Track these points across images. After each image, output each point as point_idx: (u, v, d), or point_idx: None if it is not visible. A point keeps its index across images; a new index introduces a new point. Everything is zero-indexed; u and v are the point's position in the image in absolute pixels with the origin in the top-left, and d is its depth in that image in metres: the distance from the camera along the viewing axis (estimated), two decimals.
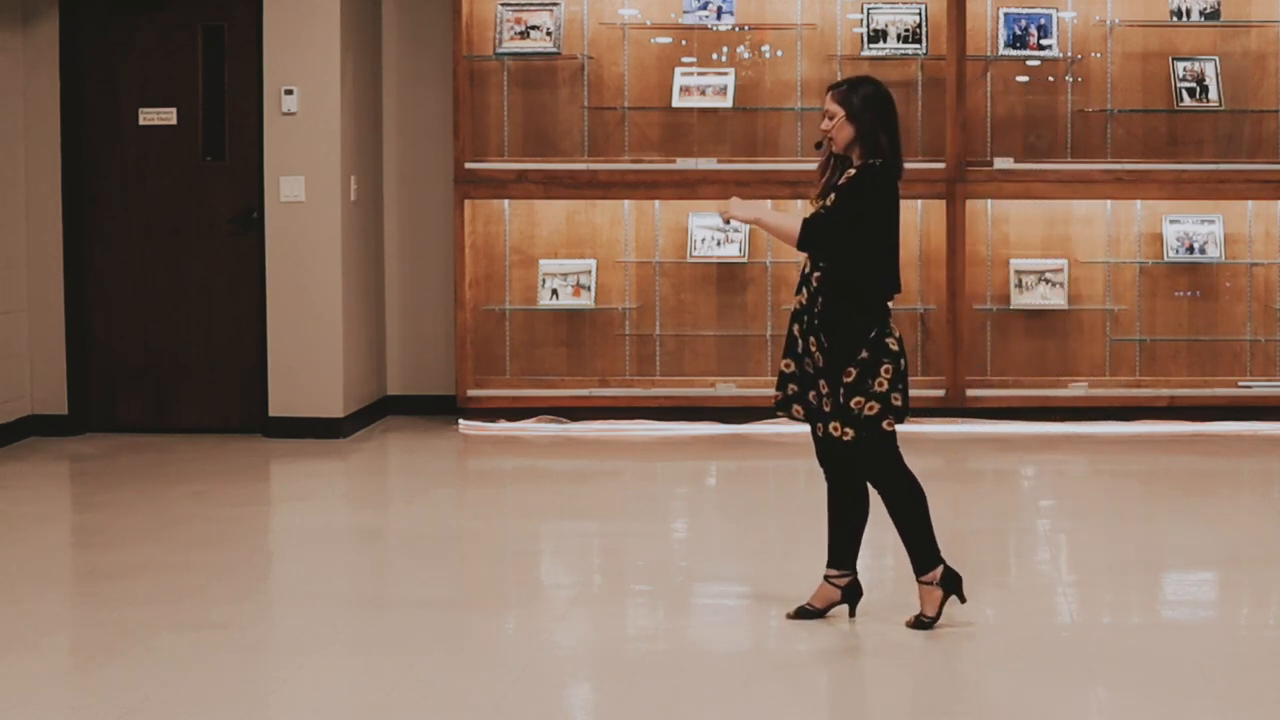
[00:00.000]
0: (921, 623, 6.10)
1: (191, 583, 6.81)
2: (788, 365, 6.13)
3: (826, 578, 6.25)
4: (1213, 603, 6.82)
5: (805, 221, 6.01)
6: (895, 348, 6.00)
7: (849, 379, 5.97)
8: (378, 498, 8.97)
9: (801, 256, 6.13)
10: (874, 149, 6.03)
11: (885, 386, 5.98)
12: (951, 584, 6.13)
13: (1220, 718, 5.23)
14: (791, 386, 6.11)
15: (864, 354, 5.97)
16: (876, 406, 5.98)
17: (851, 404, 5.98)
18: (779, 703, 5.40)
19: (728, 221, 6.25)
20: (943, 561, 6.14)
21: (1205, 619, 6.54)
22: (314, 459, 9.41)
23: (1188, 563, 7.23)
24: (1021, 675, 5.63)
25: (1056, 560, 7.23)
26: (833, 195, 6.04)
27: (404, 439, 10.01)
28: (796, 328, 6.09)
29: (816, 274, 6.03)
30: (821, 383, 6.03)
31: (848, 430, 6.00)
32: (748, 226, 10.19)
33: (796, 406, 6.12)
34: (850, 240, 5.98)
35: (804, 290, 6.07)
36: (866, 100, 6.06)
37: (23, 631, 6.17)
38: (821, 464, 6.21)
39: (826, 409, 6.02)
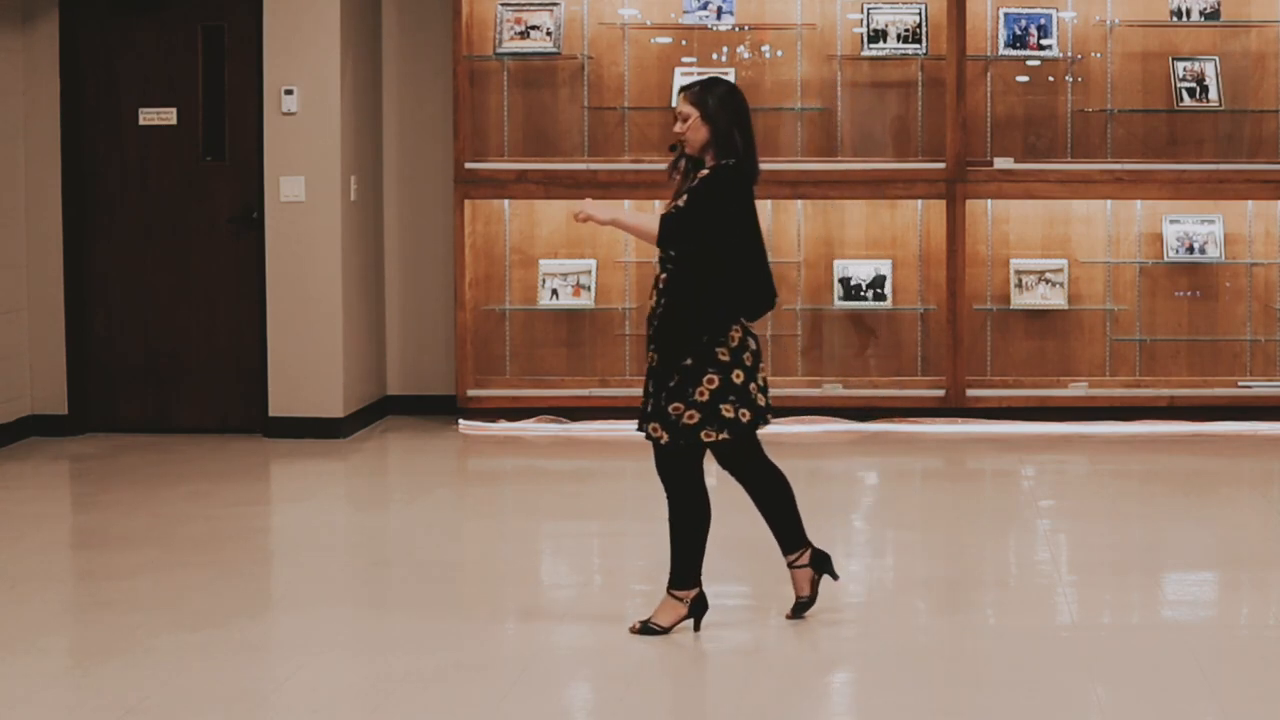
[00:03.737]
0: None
1: (191, 583, 6.81)
2: None
3: (790, 565, 6.22)
4: (1213, 603, 6.82)
5: (663, 218, 5.96)
6: (726, 358, 5.91)
7: (672, 384, 5.93)
8: (378, 498, 8.97)
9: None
10: (728, 150, 5.98)
11: (706, 397, 5.89)
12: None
13: (1220, 718, 5.24)
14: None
15: (688, 361, 5.90)
16: (696, 416, 5.91)
17: (670, 409, 5.92)
18: (779, 703, 5.40)
19: (583, 222, 6.14)
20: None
21: (1205, 619, 6.54)
22: (314, 459, 9.41)
23: (1188, 563, 7.23)
24: (1021, 675, 5.63)
25: (1056, 560, 7.23)
26: (685, 196, 5.99)
27: (404, 439, 10.01)
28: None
29: (663, 276, 5.99)
30: (650, 382, 6.01)
31: (664, 434, 5.95)
32: None
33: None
34: (705, 241, 5.92)
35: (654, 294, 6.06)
36: (721, 101, 6.00)
37: (23, 631, 6.17)
38: (724, 466, 6.17)
39: (648, 409, 6.00)
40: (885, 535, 7.74)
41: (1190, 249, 10.20)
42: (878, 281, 10.19)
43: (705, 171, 6.00)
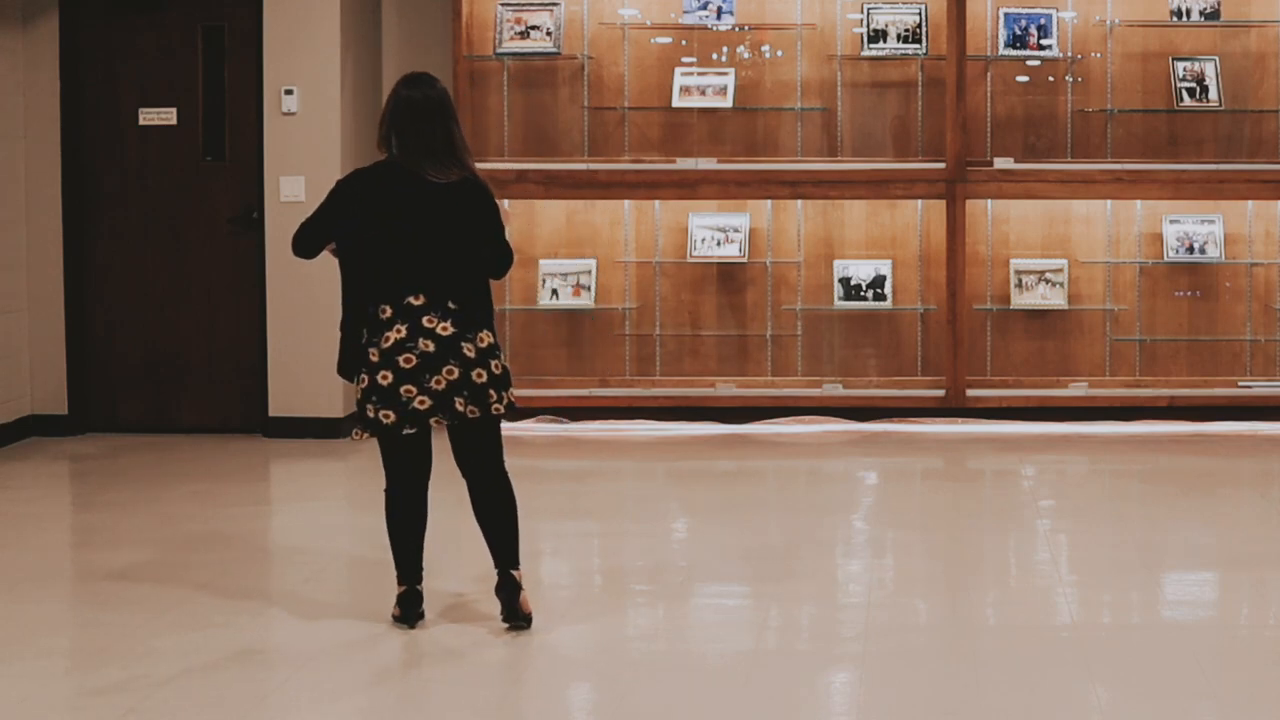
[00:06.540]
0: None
1: (191, 583, 6.81)
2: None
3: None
4: (1213, 603, 6.82)
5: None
6: (375, 359, 6.15)
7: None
8: (377, 498, 8.94)
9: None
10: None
11: (359, 395, 6.15)
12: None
13: (1220, 718, 5.24)
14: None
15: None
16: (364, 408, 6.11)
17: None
18: (779, 703, 5.40)
19: None
20: (407, 584, 6.21)
21: (1205, 619, 6.54)
22: (314, 459, 9.41)
23: (1188, 563, 7.23)
24: (1021, 675, 5.63)
25: (1056, 560, 7.22)
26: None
27: None
28: None
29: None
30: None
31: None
32: (747, 226, 10.21)
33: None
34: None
35: None
36: None
37: (23, 632, 6.17)
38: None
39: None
40: (885, 535, 7.74)
41: (1190, 249, 10.20)
42: (878, 281, 10.20)
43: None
